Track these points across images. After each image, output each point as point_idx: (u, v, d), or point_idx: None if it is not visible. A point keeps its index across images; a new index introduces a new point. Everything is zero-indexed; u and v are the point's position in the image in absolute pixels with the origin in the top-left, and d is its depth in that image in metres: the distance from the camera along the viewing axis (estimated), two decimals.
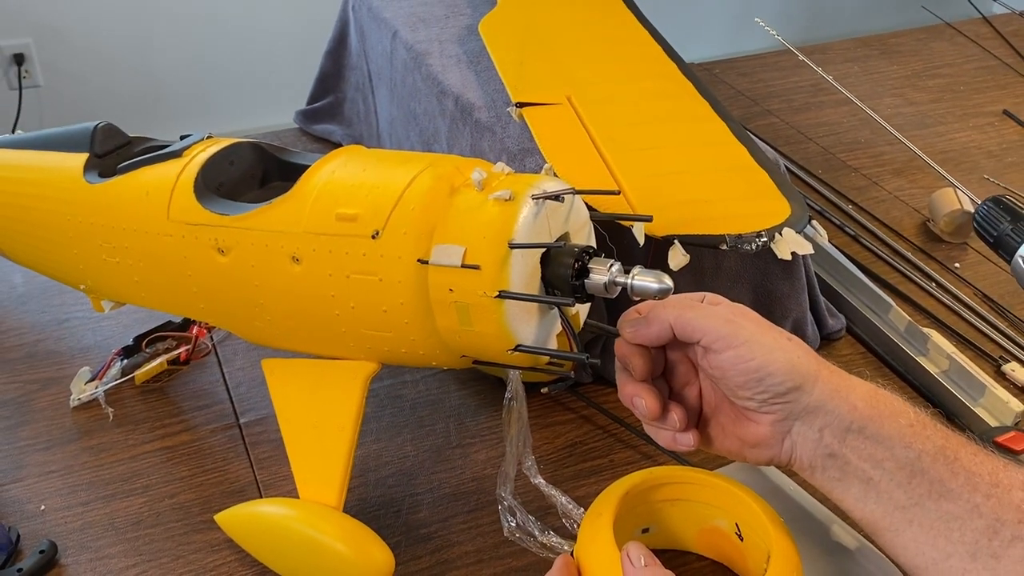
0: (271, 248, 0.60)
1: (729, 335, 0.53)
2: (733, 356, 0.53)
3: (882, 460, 0.52)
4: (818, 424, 0.53)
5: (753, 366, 0.53)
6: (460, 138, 0.89)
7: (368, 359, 0.62)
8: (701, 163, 0.79)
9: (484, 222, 0.55)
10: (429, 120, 0.94)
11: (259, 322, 0.64)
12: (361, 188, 0.59)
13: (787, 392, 0.53)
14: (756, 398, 0.53)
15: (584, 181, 0.72)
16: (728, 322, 0.54)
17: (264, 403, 0.79)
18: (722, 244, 0.68)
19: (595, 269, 0.56)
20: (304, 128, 1.21)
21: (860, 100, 1.22)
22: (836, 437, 0.53)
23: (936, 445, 0.51)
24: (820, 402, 0.53)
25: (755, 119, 1.26)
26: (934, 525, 0.50)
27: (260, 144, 0.70)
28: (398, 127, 1.03)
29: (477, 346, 0.57)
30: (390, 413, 0.79)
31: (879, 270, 0.97)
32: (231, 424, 0.78)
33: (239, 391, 0.81)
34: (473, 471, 0.74)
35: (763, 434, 0.55)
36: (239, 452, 0.75)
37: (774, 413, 0.54)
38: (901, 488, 0.51)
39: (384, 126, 1.08)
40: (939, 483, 0.50)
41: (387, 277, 0.57)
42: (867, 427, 0.52)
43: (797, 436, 0.54)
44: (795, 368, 0.52)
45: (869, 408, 0.52)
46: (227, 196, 0.66)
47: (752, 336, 0.53)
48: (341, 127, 1.18)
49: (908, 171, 1.14)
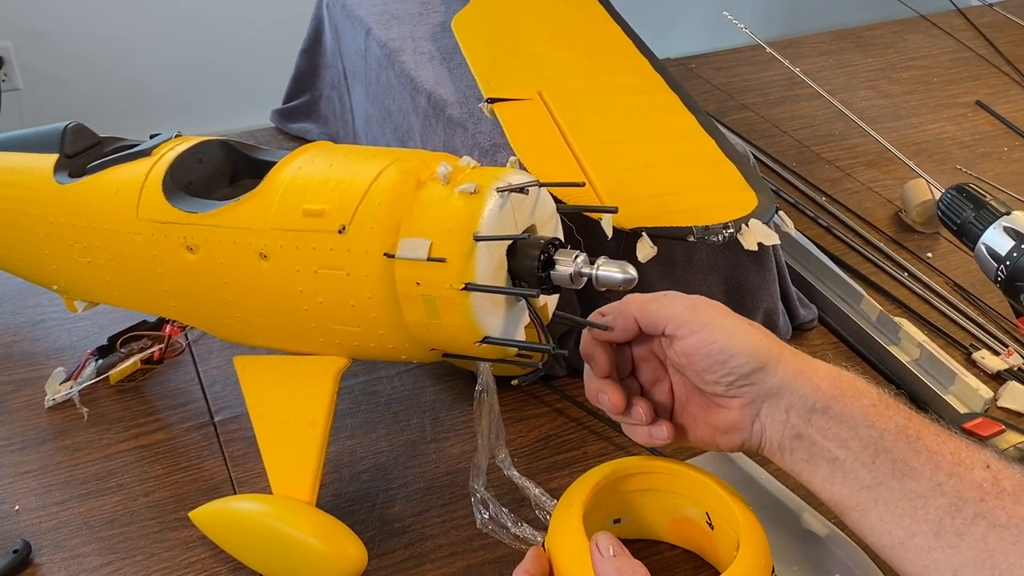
0: (239, 245, 0.61)
1: (692, 320, 0.54)
2: (697, 341, 0.54)
3: (846, 440, 0.52)
4: (784, 405, 0.54)
5: (716, 348, 0.54)
6: (433, 134, 0.89)
7: (338, 354, 0.62)
8: (670, 156, 0.79)
9: (449, 215, 0.55)
10: (403, 117, 0.95)
11: (229, 319, 0.64)
12: (328, 183, 0.59)
13: (751, 373, 0.53)
14: (722, 381, 0.54)
15: (554, 175, 0.73)
16: (690, 308, 0.55)
17: (238, 401, 0.79)
18: (689, 236, 0.69)
19: (561, 260, 0.56)
20: (280, 127, 1.21)
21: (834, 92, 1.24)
22: (802, 418, 0.53)
23: (898, 424, 0.52)
24: (784, 383, 0.53)
25: (730, 113, 1.26)
26: (898, 504, 0.51)
27: (229, 142, 0.70)
28: (373, 124, 1.03)
29: (445, 339, 0.57)
30: (365, 409, 0.79)
31: (852, 260, 0.98)
32: (206, 422, 0.78)
33: (213, 389, 0.81)
34: (447, 465, 0.74)
35: (733, 418, 0.56)
36: (214, 450, 0.75)
37: (741, 396, 0.54)
38: (865, 467, 0.52)
39: (360, 124, 1.08)
40: (902, 462, 0.51)
41: (354, 271, 0.57)
42: (831, 407, 0.53)
43: (765, 418, 0.55)
44: (757, 349, 0.53)
45: (832, 388, 0.53)
46: (196, 194, 0.66)
47: (714, 320, 0.54)
48: (317, 125, 1.18)
49: (881, 163, 1.15)
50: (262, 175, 0.62)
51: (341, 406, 0.79)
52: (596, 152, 0.77)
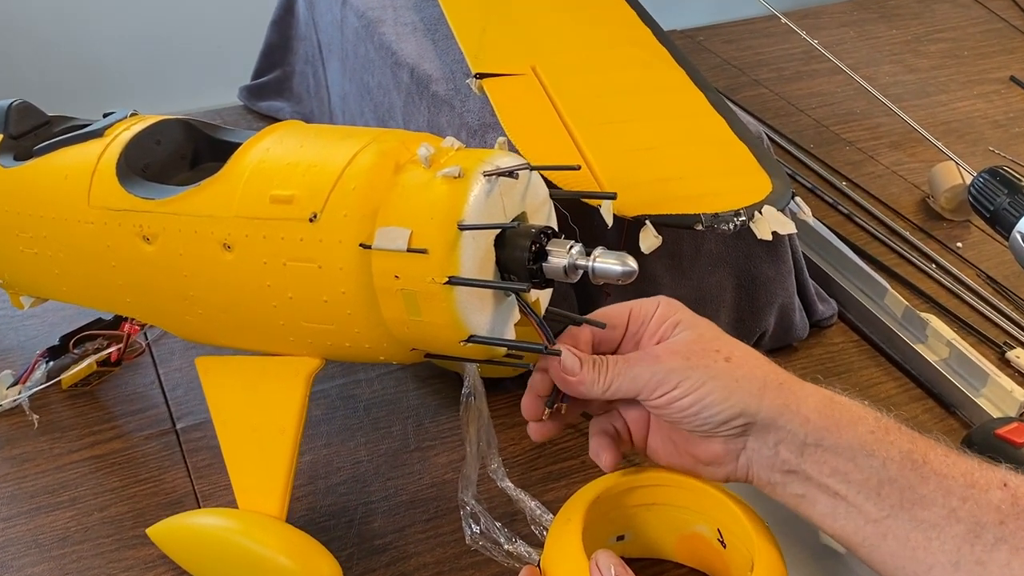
0: (200, 235, 0.60)
1: (658, 381, 0.54)
2: (665, 400, 0.54)
3: (846, 472, 0.52)
4: (772, 440, 0.54)
5: (686, 403, 0.54)
6: (416, 113, 0.88)
7: (310, 355, 0.62)
8: (676, 137, 0.79)
9: (431, 202, 0.55)
10: (383, 94, 0.94)
11: (190, 316, 0.64)
12: (297, 167, 0.59)
13: (727, 420, 0.54)
14: (700, 429, 0.55)
15: (548, 157, 0.72)
16: (654, 362, 0.55)
17: (203, 407, 0.78)
18: (697, 224, 0.69)
19: (554, 251, 0.56)
20: (249, 106, 1.20)
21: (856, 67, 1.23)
22: (793, 452, 0.53)
23: (902, 450, 0.51)
24: (770, 419, 0.53)
25: (742, 90, 1.26)
26: (910, 536, 0.50)
27: (190, 121, 0.69)
28: (351, 102, 1.03)
29: (427, 337, 0.57)
30: (342, 415, 0.79)
31: (874, 251, 0.98)
32: (167, 430, 0.78)
33: (176, 394, 0.81)
34: (433, 476, 0.74)
35: (716, 452, 0.56)
36: (176, 460, 0.75)
37: (723, 435, 0.55)
38: (870, 500, 0.51)
39: (336, 101, 1.08)
40: (910, 490, 0.51)
41: (327, 264, 0.56)
42: (824, 439, 0.52)
43: (752, 453, 0.55)
44: (732, 395, 0.53)
45: (824, 419, 0.53)
46: (153, 179, 0.65)
47: (682, 372, 0.54)
48: (289, 104, 1.18)
49: (907, 144, 1.15)
50: (225, 158, 0.62)
51: (316, 412, 0.79)
52: (595, 132, 0.77)
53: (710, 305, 0.83)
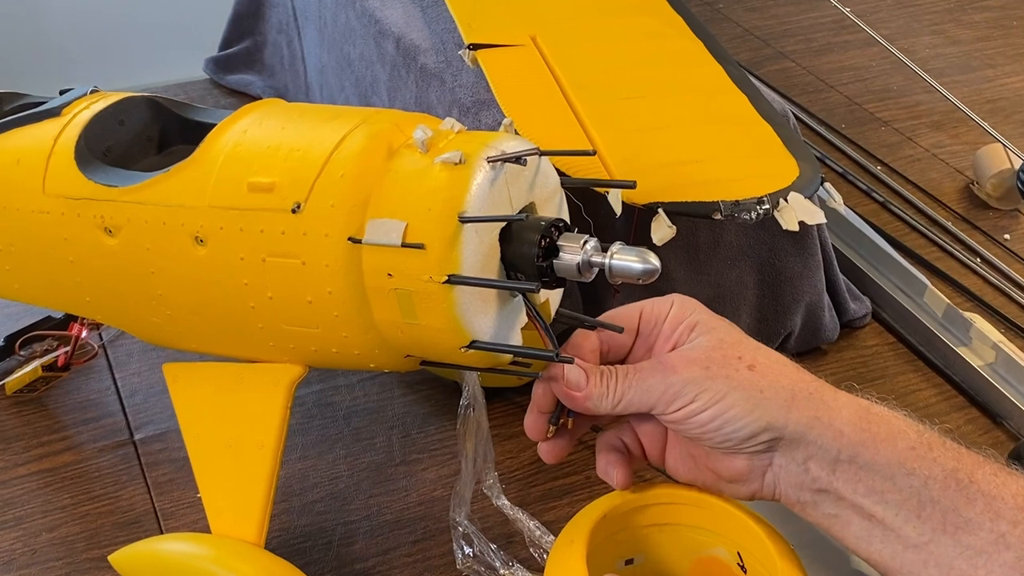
0: (169, 227, 0.61)
1: (673, 394, 0.55)
2: (683, 414, 0.55)
3: (883, 492, 0.53)
4: (800, 456, 0.54)
5: (705, 418, 0.54)
6: (403, 88, 0.89)
7: (292, 361, 0.62)
8: (692, 116, 0.80)
9: (429, 191, 0.55)
10: (366, 67, 0.95)
11: (157, 318, 0.64)
12: (279, 151, 0.59)
13: (752, 436, 0.54)
14: (722, 446, 0.55)
15: (552, 139, 0.73)
16: (668, 373, 0.55)
17: (164, 415, 0.80)
18: (716, 213, 0.69)
19: (566, 247, 0.56)
20: (216, 79, 1.20)
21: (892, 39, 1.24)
22: (825, 469, 0.54)
23: (946, 468, 0.52)
24: (799, 433, 0.54)
25: (766, 63, 1.27)
26: (954, 564, 0.51)
27: (157, 99, 0.69)
28: (330, 76, 1.03)
29: (424, 343, 0.57)
30: (320, 425, 0.80)
31: (912, 243, 0.99)
32: (124, 441, 0.78)
33: (134, 401, 0.81)
34: (420, 493, 0.75)
35: (740, 469, 0.56)
36: (133, 475, 0.76)
37: (747, 452, 0.55)
38: (910, 523, 0.52)
39: (313, 75, 1.08)
40: (954, 512, 0.51)
41: (311, 260, 0.57)
42: (859, 455, 0.53)
43: (779, 469, 0.55)
44: (756, 408, 0.54)
45: (859, 432, 0.53)
46: (116, 163, 0.65)
47: (701, 383, 0.54)
48: (261, 77, 1.18)
49: (949, 124, 1.16)
50: (198, 140, 0.62)
51: (291, 421, 0.77)
52: (602, 111, 0.77)
53: (729, 304, 0.83)
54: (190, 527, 0.72)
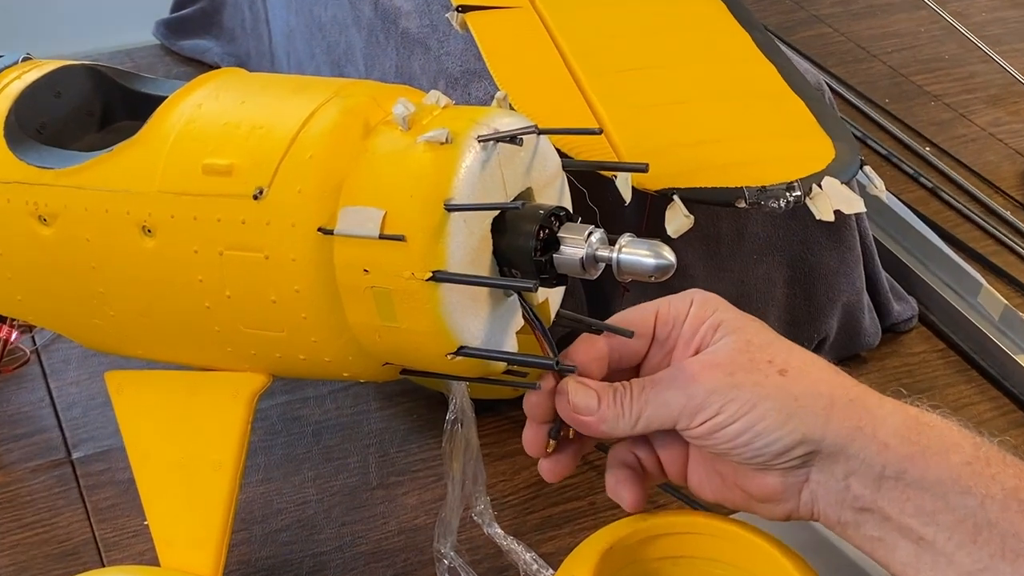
0: (113, 215, 0.60)
1: (696, 406, 0.55)
2: (707, 428, 0.55)
3: (934, 512, 0.53)
4: (840, 471, 0.54)
5: (733, 432, 0.54)
6: (382, 56, 0.89)
7: (253, 369, 0.62)
8: (713, 89, 0.80)
9: (411, 175, 0.55)
10: (339, 32, 0.94)
11: (99, 319, 0.64)
12: (238, 128, 0.59)
13: (786, 450, 0.54)
14: (752, 461, 0.55)
15: (553, 116, 0.72)
16: (689, 383, 0.55)
17: (107, 431, 0.80)
18: (739, 200, 0.69)
19: (568, 239, 0.56)
20: (168, 45, 1.20)
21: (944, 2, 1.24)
22: (868, 486, 0.54)
23: (1006, 487, 0.52)
24: (838, 446, 0.54)
25: (798, 28, 1.27)
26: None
27: (98, 68, 0.69)
28: (298, 42, 1.03)
29: (405, 349, 0.57)
30: (285, 442, 0.80)
31: (965, 235, 0.99)
32: (60, 460, 0.78)
33: (71, 415, 0.81)
34: (401, 521, 0.75)
35: (773, 487, 0.56)
36: (71, 499, 0.76)
37: (782, 467, 0.55)
38: (964, 548, 0.52)
39: (279, 40, 1.08)
40: (1015, 538, 0.51)
41: (276, 253, 0.57)
42: (907, 470, 0.53)
43: (816, 486, 0.55)
44: (791, 418, 0.54)
45: (907, 445, 0.53)
46: (52, 142, 0.65)
47: (726, 393, 0.54)
48: (219, 43, 1.18)
49: (1008, 99, 1.16)
50: (145, 116, 0.62)
51: (252, 437, 0.76)
52: (610, 83, 0.77)
53: (755, 304, 0.83)
54: (136, 559, 0.72)
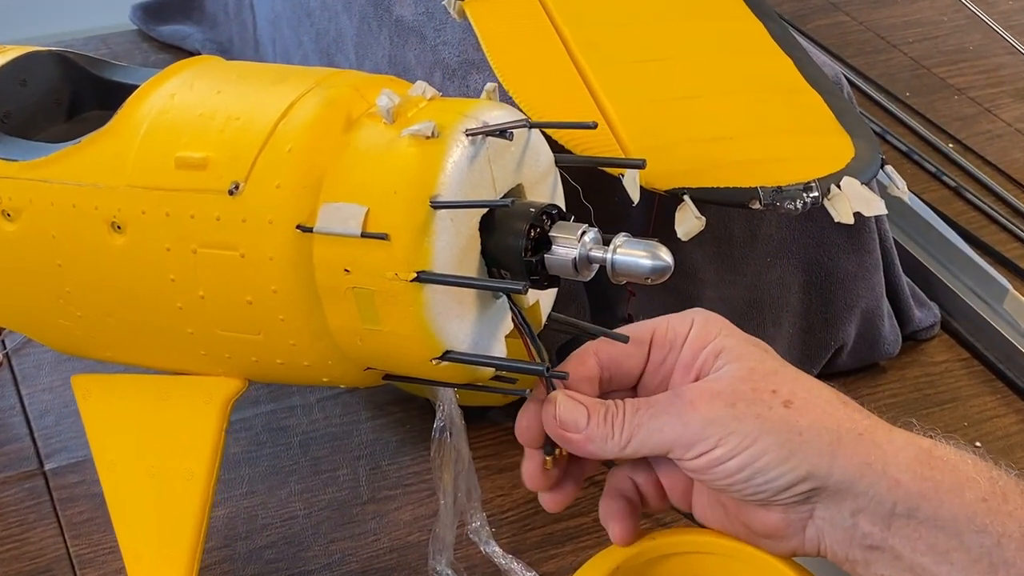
0: (80, 210, 0.60)
1: (693, 437, 0.54)
2: (704, 462, 0.54)
3: (947, 551, 0.52)
4: (848, 509, 0.54)
5: (732, 467, 0.54)
6: (374, 45, 0.89)
7: (228, 374, 0.62)
8: (725, 82, 0.79)
9: (395, 170, 0.55)
10: (329, 18, 0.95)
11: (66, 320, 0.64)
12: (213, 119, 0.59)
13: (789, 486, 0.54)
14: (753, 498, 0.55)
15: (556, 109, 0.73)
16: (686, 410, 0.55)
17: (81, 440, 0.79)
18: (754, 201, 0.69)
19: (560, 239, 0.56)
20: (146, 30, 1.21)
21: None
22: (877, 524, 0.53)
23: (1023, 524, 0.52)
24: (845, 483, 0.53)
25: (814, 16, 1.27)
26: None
27: (67, 55, 0.69)
28: (284, 28, 1.03)
29: (388, 353, 0.57)
30: (271, 454, 0.80)
31: (991, 238, 0.99)
32: (32, 472, 0.78)
33: (44, 423, 0.81)
34: (393, 538, 0.74)
35: (775, 523, 0.56)
36: (44, 513, 0.75)
37: (784, 503, 0.55)
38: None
39: (264, 27, 1.08)
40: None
41: (252, 252, 0.57)
42: (920, 507, 0.53)
43: (822, 523, 0.55)
44: (794, 454, 0.53)
45: (919, 481, 0.53)
46: (16, 132, 0.66)
47: (727, 425, 0.54)
48: (200, 28, 1.18)
49: None
50: (116, 105, 0.61)
51: (236, 448, 0.79)
52: (616, 75, 0.77)
53: (769, 310, 0.83)
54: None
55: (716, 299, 0.81)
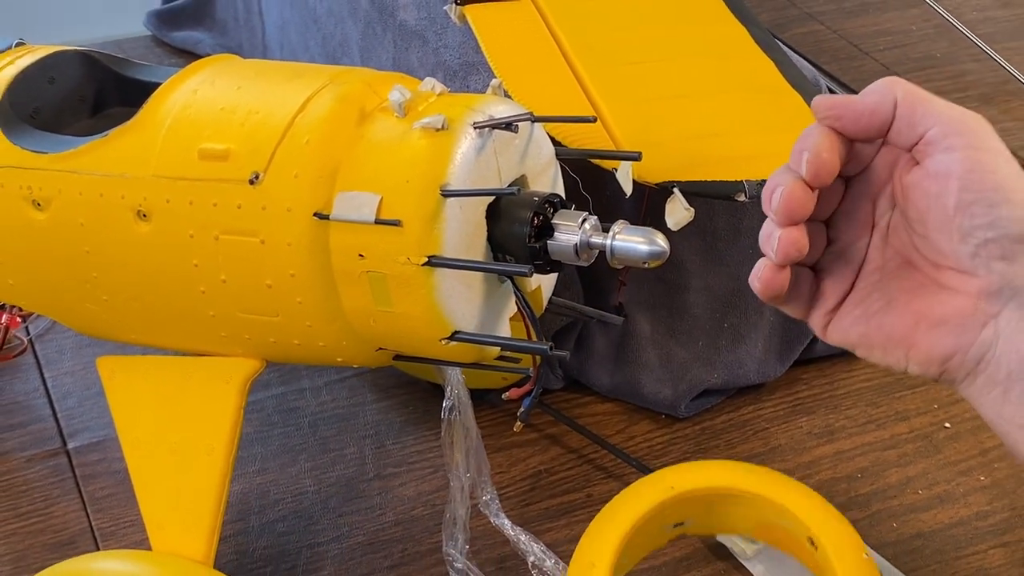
0: (107, 199, 0.60)
1: (973, 132, 0.49)
2: (967, 160, 0.49)
3: None
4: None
5: (991, 182, 0.49)
6: (379, 49, 0.89)
7: (247, 354, 0.62)
8: (712, 83, 0.79)
9: (407, 160, 0.55)
10: (335, 24, 0.94)
11: (93, 304, 0.64)
12: (234, 114, 0.59)
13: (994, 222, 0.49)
14: (972, 238, 0.50)
15: (552, 108, 0.72)
16: (971, 119, 0.50)
17: (102, 421, 0.79)
18: (739, 194, 0.69)
19: (562, 226, 0.57)
20: (159, 36, 1.20)
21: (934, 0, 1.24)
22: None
23: None
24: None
25: (792, 25, 1.27)
26: None
27: (92, 54, 0.69)
28: (292, 34, 1.03)
29: (399, 334, 0.57)
30: (281, 433, 0.80)
31: None
32: (56, 450, 0.78)
33: (67, 404, 0.81)
34: (398, 512, 0.74)
35: (958, 307, 0.51)
36: (67, 489, 0.75)
37: (987, 276, 0.50)
38: None
39: (272, 33, 1.08)
40: None
41: (271, 238, 0.57)
42: None
43: (1006, 327, 0.50)
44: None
45: None
46: (46, 127, 0.65)
47: (999, 149, 0.49)
48: (211, 35, 1.18)
49: (1000, 97, 1.16)
50: (138, 102, 0.62)
51: (248, 428, 0.79)
52: (610, 76, 0.77)
53: (752, 299, 0.81)
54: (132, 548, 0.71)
55: (702, 288, 0.81)
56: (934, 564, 0.71)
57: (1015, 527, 0.73)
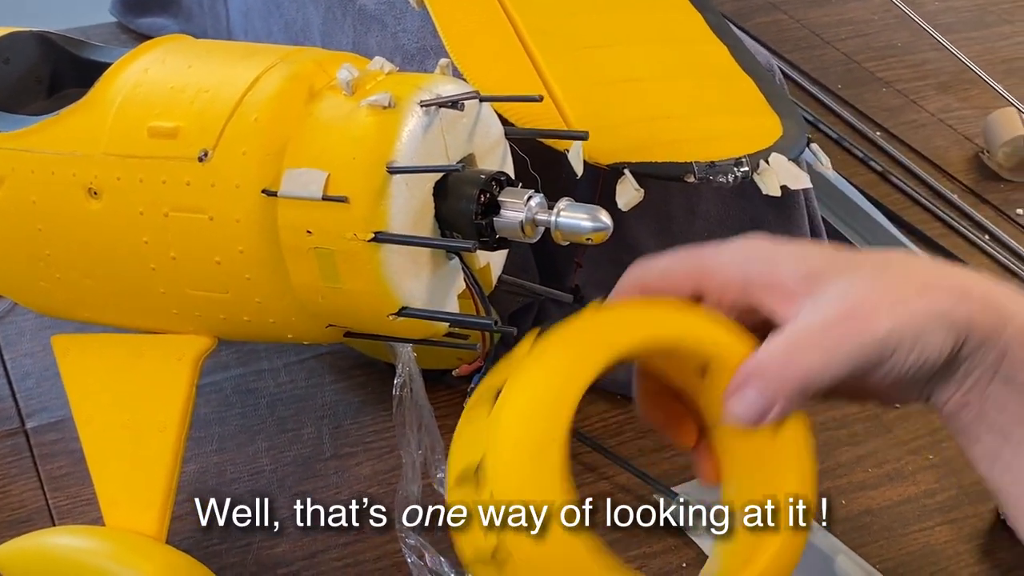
0: (59, 177, 0.60)
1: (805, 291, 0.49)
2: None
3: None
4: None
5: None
6: (338, 33, 0.89)
7: (198, 331, 0.63)
8: (665, 67, 0.80)
9: (354, 138, 0.55)
10: (297, 9, 0.94)
11: (45, 282, 0.64)
12: (184, 92, 0.59)
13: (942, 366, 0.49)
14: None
15: (505, 88, 0.73)
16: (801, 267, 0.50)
17: (61, 401, 0.78)
18: (688, 175, 0.70)
19: (508, 203, 0.57)
20: (125, 23, 1.20)
21: None
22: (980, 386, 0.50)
23: None
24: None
25: (753, 15, 1.28)
26: None
27: (47, 35, 0.69)
28: (255, 19, 1.03)
29: (348, 310, 0.58)
30: (239, 414, 0.80)
31: (914, 217, 0.99)
32: (14, 430, 0.78)
33: (25, 385, 0.81)
34: (354, 491, 0.75)
35: None
36: (24, 468, 0.75)
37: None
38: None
39: (237, 18, 1.08)
40: None
41: (220, 215, 0.57)
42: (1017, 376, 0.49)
43: None
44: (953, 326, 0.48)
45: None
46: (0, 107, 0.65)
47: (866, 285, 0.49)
48: (177, 21, 1.17)
49: (958, 85, 1.17)
50: (92, 82, 0.62)
51: (206, 409, 0.79)
52: (564, 59, 0.77)
53: None
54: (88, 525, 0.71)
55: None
56: (881, 540, 0.71)
57: (962, 504, 0.74)
